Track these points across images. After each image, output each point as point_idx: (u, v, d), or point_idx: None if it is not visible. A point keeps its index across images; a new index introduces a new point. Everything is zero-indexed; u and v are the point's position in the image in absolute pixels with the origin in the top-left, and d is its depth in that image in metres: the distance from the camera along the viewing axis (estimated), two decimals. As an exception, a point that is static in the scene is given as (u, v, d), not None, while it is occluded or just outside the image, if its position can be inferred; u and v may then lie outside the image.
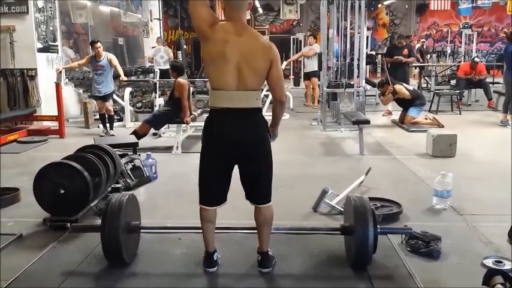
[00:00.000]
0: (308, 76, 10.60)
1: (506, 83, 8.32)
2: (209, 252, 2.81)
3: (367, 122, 6.26)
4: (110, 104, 7.53)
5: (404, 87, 8.07)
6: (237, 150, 2.60)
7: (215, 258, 2.82)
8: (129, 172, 4.61)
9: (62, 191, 3.46)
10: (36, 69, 7.90)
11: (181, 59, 13.75)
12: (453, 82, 11.85)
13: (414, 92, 8.25)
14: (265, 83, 2.67)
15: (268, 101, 9.51)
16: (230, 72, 2.51)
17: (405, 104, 7.97)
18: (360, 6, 7.66)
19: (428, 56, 15.97)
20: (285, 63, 13.42)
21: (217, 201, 2.72)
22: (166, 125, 7.02)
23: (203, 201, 2.72)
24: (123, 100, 8.56)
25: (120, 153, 4.76)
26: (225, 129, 2.58)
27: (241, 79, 2.53)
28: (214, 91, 2.60)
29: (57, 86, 7.46)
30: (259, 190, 2.71)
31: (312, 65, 10.45)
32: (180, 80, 6.30)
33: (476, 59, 10.81)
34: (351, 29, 8.12)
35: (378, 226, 2.76)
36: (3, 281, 2.67)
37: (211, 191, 2.71)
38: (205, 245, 2.81)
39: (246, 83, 2.54)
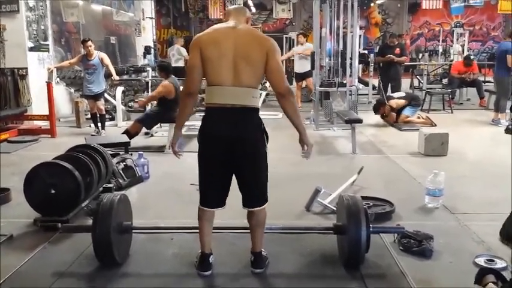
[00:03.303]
0: (302, 77, 10.25)
1: (497, 81, 8.37)
2: (205, 254, 2.77)
3: (360, 121, 6.27)
4: (101, 103, 7.48)
5: (397, 97, 8.07)
6: (231, 150, 2.57)
7: (210, 261, 2.78)
8: (120, 172, 4.58)
9: (53, 191, 3.44)
10: (27, 68, 7.84)
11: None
12: (445, 81, 11.89)
13: (408, 96, 8.27)
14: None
15: (260, 100, 9.49)
16: (226, 67, 2.50)
17: (402, 107, 7.95)
18: (352, 6, 7.67)
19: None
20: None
21: (216, 204, 2.69)
22: (159, 124, 6.99)
23: (203, 203, 2.69)
24: (115, 99, 8.52)
25: (112, 152, 4.73)
26: (220, 129, 2.55)
27: (237, 74, 2.50)
28: (210, 87, 2.57)
29: (48, 85, 7.40)
30: (254, 191, 2.68)
31: (305, 65, 10.15)
32: (166, 82, 6.30)
33: (471, 57, 10.75)
34: (344, 28, 8.13)
35: (371, 225, 2.76)
36: (-7, 282, 2.65)
37: (211, 192, 2.68)
38: (201, 245, 2.78)
39: (242, 79, 2.50)
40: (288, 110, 2.64)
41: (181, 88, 6.61)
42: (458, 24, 15.05)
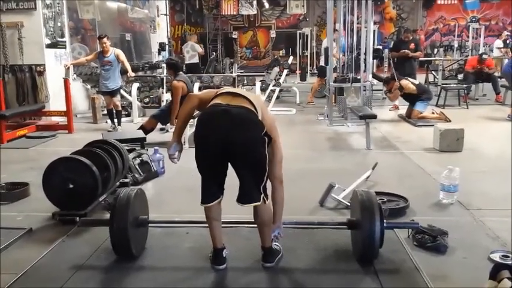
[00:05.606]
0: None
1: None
2: (217, 249, 2.80)
3: (374, 116, 6.25)
4: (117, 100, 7.57)
5: (411, 82, 8.04)
6: (227, 149, 2.50)
7: (224, 255, 2.81)
8: (137, 167, 4.64)
9: (71, 186, 3.50)
10: (44, 65, 7.97)
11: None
12: (460, 76, 11.78)
13: (420, 86, 8.23)
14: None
15: (274, 96, 9.49)
16: (228, 96, 2.64)
17: (412, 98, 7.95)
18: (366, 0, 7.63)
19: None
20: (291, 58, 13.40)
21: (213, 197, 2.68)
22: (173, 120, 7.03)
23: (202, 201, 2.69)
24: (130, 95, 8.60)
25: (128, 148, 4.78)
26: (214, 133, 2.50)
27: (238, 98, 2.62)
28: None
29: (66, 81, 7.52)
30: (244, 188, 2.61)
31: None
32: (175, 82, 6.31)
33: (484, 56, 10.66)
34: (358, 23, 8.09)
35: (385, 220, 2.77)
36: (12, 274, 2.71)
37: (208, 189, 2.67)
38: (213, 242, 2.81)
39: (244, 101, 2.60)
40: (278, 196, 2.75)
41: (191, 84, 6.68)
42: (474, 19, 14.85)
